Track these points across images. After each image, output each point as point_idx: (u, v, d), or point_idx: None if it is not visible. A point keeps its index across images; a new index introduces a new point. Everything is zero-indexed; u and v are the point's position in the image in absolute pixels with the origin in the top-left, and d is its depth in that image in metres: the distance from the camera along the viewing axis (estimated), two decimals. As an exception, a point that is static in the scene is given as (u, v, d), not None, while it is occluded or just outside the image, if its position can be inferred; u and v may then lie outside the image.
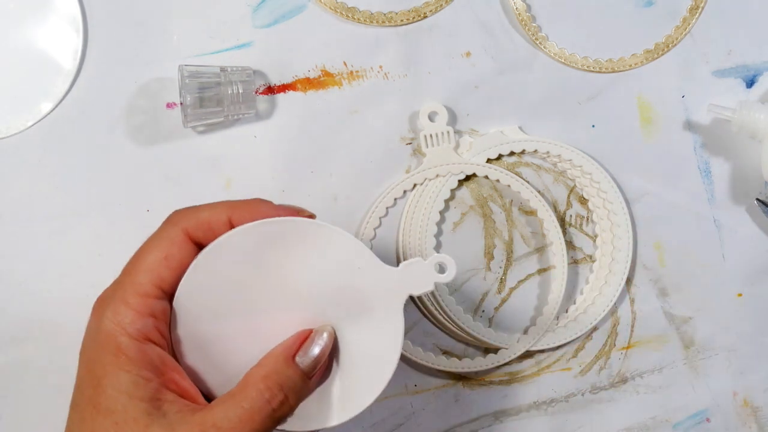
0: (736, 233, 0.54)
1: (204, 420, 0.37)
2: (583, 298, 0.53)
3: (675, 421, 0.54)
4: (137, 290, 0.38)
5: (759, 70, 0.54)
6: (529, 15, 0.53)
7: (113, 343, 0.37)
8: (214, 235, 0.39)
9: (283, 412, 0.38)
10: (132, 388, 0.36)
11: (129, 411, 0.36)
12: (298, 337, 0.40)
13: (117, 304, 0.38)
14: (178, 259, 0.39)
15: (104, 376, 0.37)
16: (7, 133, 0.50)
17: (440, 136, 0.52)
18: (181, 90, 0.48)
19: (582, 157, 0.52)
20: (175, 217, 0.40)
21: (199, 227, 0.39)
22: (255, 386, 0.38)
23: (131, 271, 0.39)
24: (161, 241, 0.39)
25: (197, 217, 0.40)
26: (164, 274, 0.39)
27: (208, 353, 0.40)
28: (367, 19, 0.52)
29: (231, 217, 0.40)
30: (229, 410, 0.37)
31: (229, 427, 0.36)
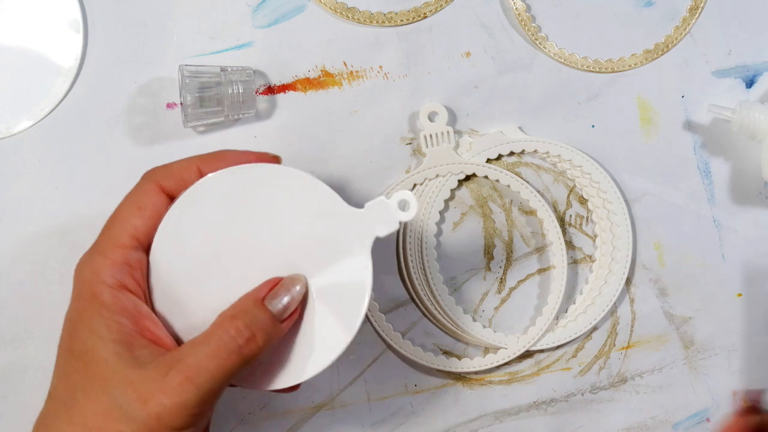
0: (736, 233, 0.54)
1: (171, 357, 0.37)
2: (583, 298, 0.53)
3: (675, 421, 0.55)
4: (113, 242, 0.39)
5: (759, 70, 0.54)
6: (529, 15, 0.53)
7: (89, 291, 0.38)
8: (185, 186, 0.41)
9: (251, 350, 0.38)
10: (105, 331, 0.37)
11: (99, 351, 0.37)
12: (267, 283, 0.40)
13: (94, 255, 0.39)
14: (151, 209, 0.40)
15: (78, 321, 0.38)
16: (7, 133, 0.50)
17: (440, 136, 0.52)
18: (182, 90, 0.48)
19: (582, 157, 0.52)
20: (148, 173, 0.42)
21: (170, 179, 0.41)
22: (222, 325, 0.39)
23: (109, 225, 0.40)
24: (134, 195, 0.41)
25: (168, 169, 0.41)
26: (138, 224, 0.40)
27: (183, 302, 0.41)
28: (367, 19, 0.52)
29: (201, 168, 0.41)
30: (197, 347, 0.38)
31: (195, 363, 0.37)
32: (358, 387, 0.52)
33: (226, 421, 0.51)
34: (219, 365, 0.37)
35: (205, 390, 0.37)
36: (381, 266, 0.52)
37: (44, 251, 0.50)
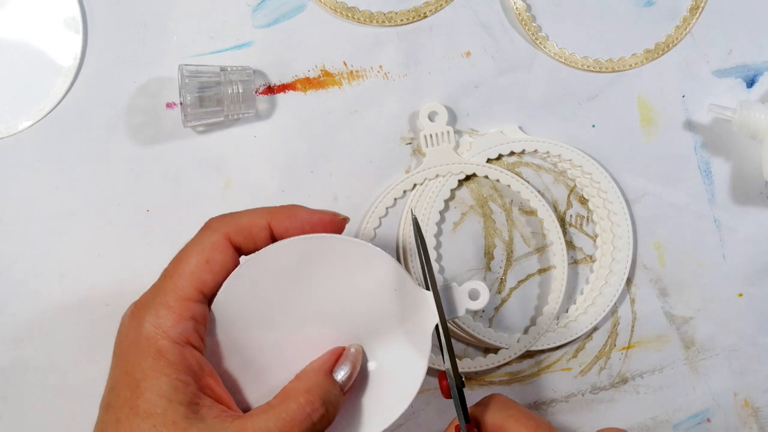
0: (737, 233, 0.54)
1: (244, 427, 0.37)
2: (583, 298, 0.53)
3: (675, 421, 0.54)
4: (179, 294, 0.38)
5: (759, 70, 0.54)
6: (529, 15, 0.53)
7: (153, 347, 0.37)
8: (253, 240, 0.40)
9: (323, 426, 0.39)
10: (171, 391, 0.36)
11: (168, 414, 0.36)
12: (333, 353, 0.41)
13: (158, 307, 0.38)
14: (220, 264, 0.39)
15: (143, 379, 0.37)
16: (7, 133, 0.50)
17: (440, 136, 0.52)
18: (181, 90, 0.48)
19: (582, 157, 0.52)
20: (215, 222, 0.40)
21: (239, 232, 0.40)
22: (296, 399, 0.38)
23: (172, 275, 0.39)
24: (203, 246, 0.39)
25: (237, 222, 0.40)
26: (206, 279, 0.39)
27: (241, 362, 0.40)
28: (367, 19, 0.52)
29: (270, 223, 0.40)
30: (270, 420, 0.37)
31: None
32: (358, 387, 0.52)
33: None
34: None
35: None
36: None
37: (44, 251, 0.50)
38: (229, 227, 0.40)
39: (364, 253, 0.41)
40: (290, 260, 0.40)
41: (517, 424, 0.41)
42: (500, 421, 0.42)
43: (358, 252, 0.40)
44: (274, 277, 0.40)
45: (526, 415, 0.42)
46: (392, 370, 0.41)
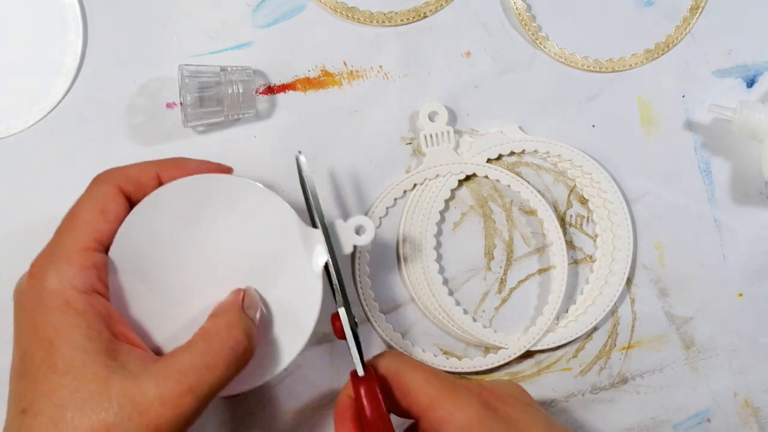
0: (737, 233, 0.54)
1: (168, 367, 0.37)
2: (584, 298, 0.53)
3: (675, 421, 0.54)
4: (77, 245, 0.38)
5: (759, 70, 0.54)
6: (529, 15, 0.53)
7: (60, 300, 0.37)
8: (144, 190, 0.41)
9: (246, 359, 0.39)
10: (87, 342, 0.36)
11: (88, 366, 0.36)
12: (237, 292, 0.41)
13: (59, 262, 0.38)
14: (114, 213, 0.40)
15: (56, 336, 0.36)
16: (7, 133, 0.50)
17: (440, 136, 0.52)
18: (181, 90, 0.48)
19: (582, 157, 0.52)
20: (104, 175, 0.41)
21: (129, 182, 0.41)
22: (218, 334, 0.39)
23: (68, 229, 0.39)
24: (95, 198, 0.40)
25: (126, 173, 0.41)
26: (102, 228, 0.39)
27: (143, 307, 0.41)
28: (367, 19, 0.52)
29: (159, 173, 0.41)
30: (195, 357, 0.37)
31: (195, 374, 0.37)
32: (358, 387, 0.52)
33: (226, 422, 0.51)
34: (219, 375, 0.38)
35: (204, 400, 0.37)
36: (381, 266, 0.52)
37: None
38: (118, 178, 0.41)
39: (253, 193, 0.42)
40: (181, 202, 0.41)
41: (415, 370, 0.42)
42: (395, 368, 0.42)
43: (247, 192, 0.42)
44: (167, 221, 0.41)
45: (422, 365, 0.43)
46: (288, 309, 0.43)
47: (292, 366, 0.42)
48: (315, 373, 0.51)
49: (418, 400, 0.41)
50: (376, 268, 0.52)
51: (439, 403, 0.41)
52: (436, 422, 0.41)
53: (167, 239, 0.41)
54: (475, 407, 0.41)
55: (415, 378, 0.42)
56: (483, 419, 0.40)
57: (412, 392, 0.42)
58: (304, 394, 0.51)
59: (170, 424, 0.36)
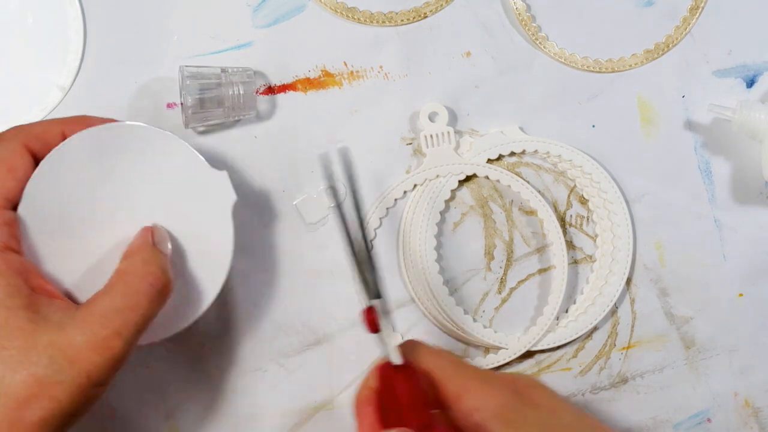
0: (737, 233, 0.54)
1: (91, 313, 0.37)
2: (584, 298, 0.53)
3: (675, 421, 0.54)
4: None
5: (759, 70, 0.54)
6: (529, 15, 0.53)
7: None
8: (49, 148, 0.41)
9: (167, 294, 0.40)
10: (7, 299, 0.36)
11: (11, 322, 0.36)
12: (145, 230, 0.42)
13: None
14: (22, 170, 0.40)
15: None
16: (8, 133, 0.50)
17: (440, 136, 0.52)
18: (182, 91, 0.48)
19: (582, 157, 0.52)
20: (9, 133, 0.41)
21: (35, 140, 0.41)
22: (135, 273, 0.39)
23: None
24: (2, 156, 0.40)
25: (31, 130, 0.41)
26: (10, 186, 0.40)
27: (58, 261, 0.41)
28: (367, 19, 0.52)
29: (65, 131, 0.42)
30: (116, 299, 0.38)
31: (119, 316, 0.37)
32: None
33: (226, 422, 0.51)
34: (142, 314, 0.38)
35: (131, 341, 0.38)
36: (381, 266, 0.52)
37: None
38: (24, 136, 0.41)
39: (159, 139, 0.43)
40: (86, 154, 0.42)
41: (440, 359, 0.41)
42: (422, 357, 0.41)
43: (153, 138, 0.43)
44: (73, 173, 0.42)
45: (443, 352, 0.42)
46: (204, 251, 0.44)
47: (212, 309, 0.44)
48: (315, 373, 0.51)
49: (447, 390, 0.40)
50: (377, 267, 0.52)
51: (469, 392, 0.40)
52: (467, 411, 0.40)
53: (75, 191, 0.42)
54: (506, 394, 0.40)
55: (443, 367, 0.41)
56: (516, 406, 0.40)
57: (441, 382, 0.41)
58: (304, 394, 0.51)
59: (100, 369, 0.37)
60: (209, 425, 0.51)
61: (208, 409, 0.51)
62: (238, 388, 0.51)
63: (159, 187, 0.43)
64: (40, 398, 0.35)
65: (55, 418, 0.36)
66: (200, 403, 0.51)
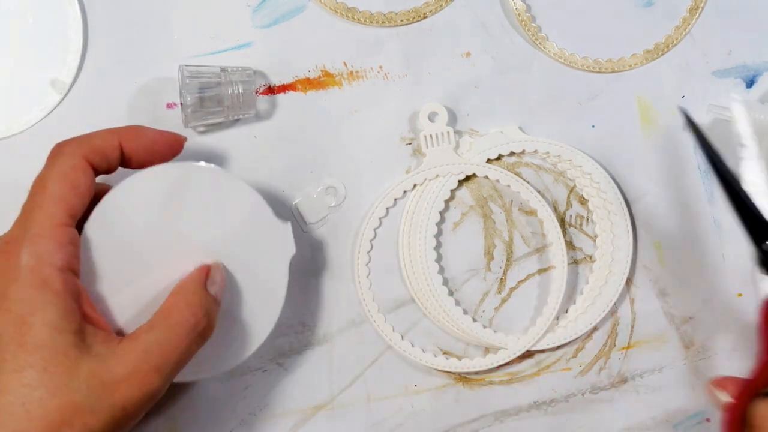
0: (737, 233, 0.54)
1: (132, 348, 0.37)
2: (583, 298, 0.53)
3: (675, 421, 0.54)
4: (52, 221, 0.38)
5: (759, 70, 0.54)
6: (529, 15, 0.53)
7: (37, 278, 0.36)
8: (107, 160, 0.41)
9: (206, 336, 0.40)
10: (60, 321, 0.36)
11: (58, 345, 0.36)
12: (201, 269, 0.42)
13: (34, 238, 0.37)
14: (85, 186, 0.39)
15: (30, 313, 0.36)
16: (7, 133, 0.50)
17: (440, 136, 0.52)
18: (182, 90, 0.48)
19: (582, 157, 0.52)
20: (68, 146, 0.40)
21: (94, 153, 0.40)
22: (179, 312, 0.39)
23: (40, 205, 0.38)
24: (64, 171, 0.39)
25: (91, 143, 0.41)
26: (74, 203, 0.39)
27: (110, 286, 0.41)
28: (367, 19, 0.52)
29: (122, 143, 0.41)
30: (159, 335, 0.38)
31: (159, 353, 0.37)
32: (358, 387, 0.52)
33: (226, 423, 0.51)
34: (182, 352, 0.38)
35: (169, 378, 0.38)
36: (381, 266, 0.52)
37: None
38: (84, 149, 0.40)
39: (228, 182, 0.44)
40: (157, 187, 0.42)
41: None
42: None
43: (222, 181, 0.43)
44: (142, 204, 0.42)
45: None
46: (255, 299, 0.44)
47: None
48: (315, 373, 0.51)
49: None
50: (376, 268, 0.52)
51: None
52: None
53: (140, 223, 0.42)
54: None
55: None
56: None
57: None
58: (304, 394, 0.51)
59: (137, 402, 0.37)
60: (209, 425, 0.51)
61: (208, 409, 0.51)
62: (238, 388, 0.51)
63: (222, 229, 0.43)
64: (73, 425, 0.35)
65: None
66: (200, 403, 0.51)
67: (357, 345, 0.52)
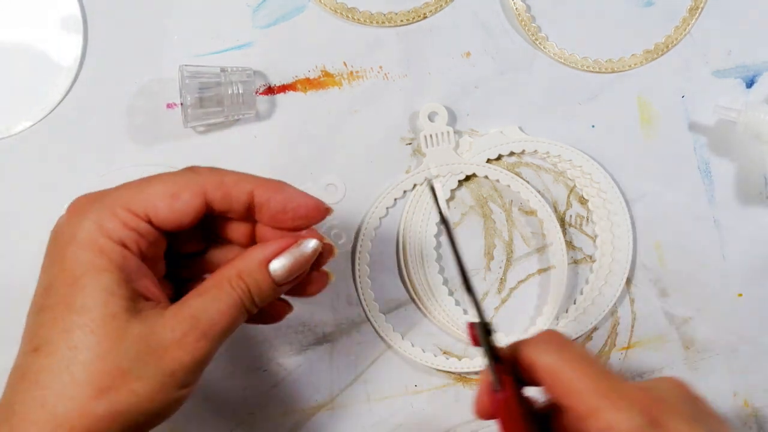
0: (736, 233, 0.54)
1: (181, 313, 0.37)
2: (583, 298, 0.53)
3: (675, 421, 0.54)
4: (128, 206, 0.37)
5: (759, 70, 0.54)
6: (529, 15, 0.53)
7: (95, 244, 0.36)
8: (229, 201, 0.38)
9: (252, 311, 0.39)
10: (114, 286, 0.36)
11: (109, 307, 0.35)
12: (269, 245, 0.39)
13: (103, 209, 0.37)
14: (183, 205, 0.38)
15: (84, 275, 0.36)
16: (7, 133, 0.50)
17: (440, 136, 0.52)
18: (182, 90, 0.48)
19: (582, 157, 0.52)
20: (201, 168, 0.39)
21: (218, 187, 0.38)
22: (228, 282, 0.38)
23: (131, 188, 0.38)
24: (176, 180, 0.38)
25: (221, 176, 0.39)
26: (160, 207, 0.37)
27: None
28: (367, 19, 0.52)
29: (255, 192, 0.39)
30: (207, 303, 0.37)
31: (207, 319, 0.37)
32: (358, 387, 0.52)
33: (226, 422, 0.51)
34: (229, 322, 0.37)
35: (216, 345, 0.37)
36: (381, 266, 0.52)
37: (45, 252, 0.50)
38: (211, 178, 0.38)
39: None
40: None
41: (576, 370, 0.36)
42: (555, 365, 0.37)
43: None
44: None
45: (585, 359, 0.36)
46: None
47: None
48: (315, 373, 0.51)
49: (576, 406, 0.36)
50: (376, 268, 0.52)
51: (599, 412, 0.36)
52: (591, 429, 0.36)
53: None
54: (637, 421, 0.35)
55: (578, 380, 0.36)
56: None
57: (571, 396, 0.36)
58: (304, 394, 0.51)
59: (186, 368, 0.36)
60: (209, 425, 0.51)
61: (208, 410, 0.51)
62: (239, 388, 0.51)
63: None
64: (120, 390, 0.35)
65: (129, 413, 0.35)
66: (200, 404, 0.51)
67: (357, 345, 0.52)
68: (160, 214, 0.37)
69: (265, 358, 0.51)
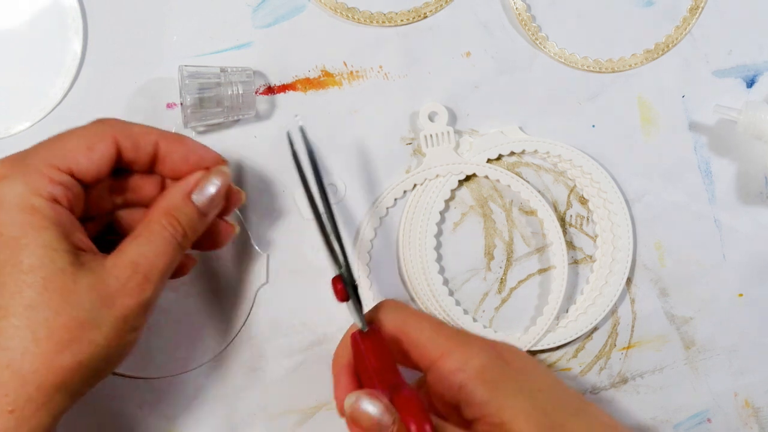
0: (737, 233, 0.54)
1: (121, 260, 0.38)
2: (584, 298, 0.53)
3: (675, 421, 0.54)
4: (50, 162, 0.38)
5: (759, 70, 0.54)
6: (529, 15, 0.53)
7: (27, 204, 0.37)
8: (136, 150, 0.41)
9: (186, 245, 0.40)
10: (55, 242, 0.37)
11: (57, 263, 0.36)
12: (190, 178, 0.42)
13: (29, 172, 0.38)
14: (99, 155, 0.40)
15: (23, 236, 0.36)
16: (7, 133, 0.50)
17: (440, 136, 0.52)
18: (182, 91, 0.48)
19: (582, 157, 0.52)
20: (108, 119, 0.41)
21: (127, 136, 0.41)
22: (158, 222, 0.40)
23: (47, 147, 0.39)
24: (88, 133, 0.40)
25: (128, 129, 0.41)
26: (80, 160, 0.39)
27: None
28: (367, 19, 0.52)
29: (159, 143, 0.42)
30: (143, 246, 0.39)
31: (146, 262, 0.38)
32: (358, 387, 0.52)
33: (226, 423, 0.51)
34: (167, 260, 0.39)
35: (159, 287, 0.39)
36: (381, 266, 0.52)
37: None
38: (119, 129, 0.41)
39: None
40: None
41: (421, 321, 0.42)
42: (401, 319, 0.43)
43: None
44: None
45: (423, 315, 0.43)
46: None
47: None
48: (315, 372, 0.51)
49: (427, 352, 0.41)
50: (376, 267, 0.52)
51: (451, 353, 0.40)
52: (448, 372, 0.40)
53: None
54: (487, 355, 0.40)
55: (423, 329, 0.42)
56: (497, 366, 0.40)
57: (420, 344, 0.41)
58: (304, 394, 0.51)
59: (135, 312, 0.38)
60: (209, 425, 0.51)
61: (208, 410, 0.51)
62: (238, 387, 0.51)
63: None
64: (80, 341, 0.36)
65: (92, 362, 0.37)
66: (200, 404, 0.50)
67: (357, 345, 0.51)
68: (81, 167, 0.39)
69: (264, 357, 0.51)
